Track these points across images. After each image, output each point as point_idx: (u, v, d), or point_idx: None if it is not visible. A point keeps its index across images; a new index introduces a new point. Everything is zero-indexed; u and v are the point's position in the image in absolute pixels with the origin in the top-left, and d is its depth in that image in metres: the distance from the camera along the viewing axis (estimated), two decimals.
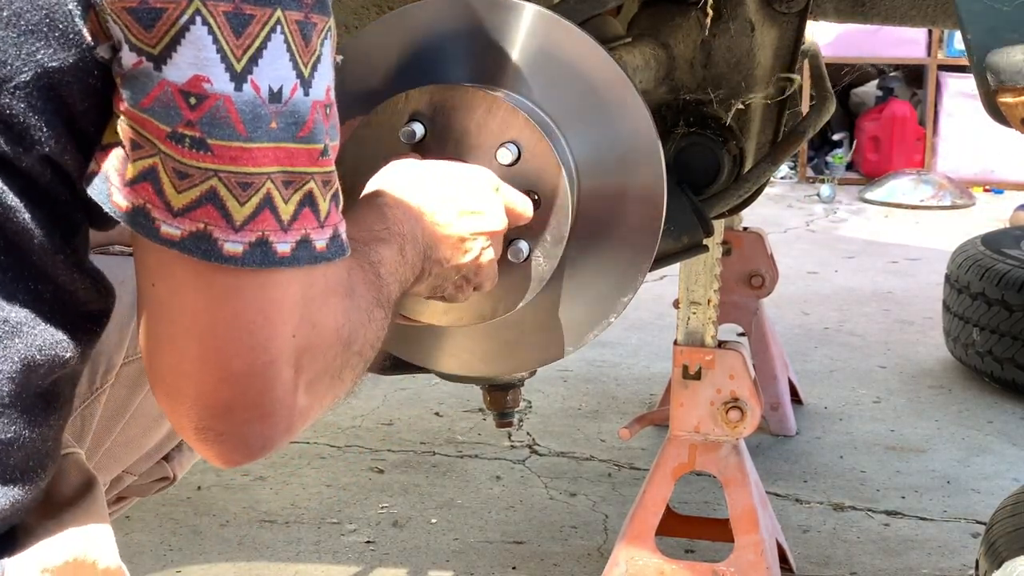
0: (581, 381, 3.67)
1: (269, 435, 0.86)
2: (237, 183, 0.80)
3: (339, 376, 0.91)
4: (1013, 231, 4.10)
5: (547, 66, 1.24)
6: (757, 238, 3.27)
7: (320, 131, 0.83)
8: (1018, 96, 1.42)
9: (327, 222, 0.85)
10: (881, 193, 6.83)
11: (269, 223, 0.81)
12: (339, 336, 0.88)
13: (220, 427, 0.84)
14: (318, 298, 0.85)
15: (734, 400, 2.23)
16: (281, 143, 0.81)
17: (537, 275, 1.24)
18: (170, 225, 0.80)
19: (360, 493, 2.90)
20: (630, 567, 2.25)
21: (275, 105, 0.80)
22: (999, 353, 3.51)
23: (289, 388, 0.85)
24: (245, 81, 0.79)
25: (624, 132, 1.25)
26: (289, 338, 0.83)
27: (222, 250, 0.80)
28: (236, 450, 0.87)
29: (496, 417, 1.48)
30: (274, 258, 0.81)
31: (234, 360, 0.82)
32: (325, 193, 0.84)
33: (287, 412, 0.86)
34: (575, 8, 1.55)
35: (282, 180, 0.81)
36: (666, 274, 4.28)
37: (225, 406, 0.83)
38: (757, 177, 1.80)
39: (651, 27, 1.77)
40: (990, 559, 1.93)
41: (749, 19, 1.81)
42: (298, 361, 0.85)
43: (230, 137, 0.79)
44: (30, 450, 0.86)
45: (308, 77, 0.82)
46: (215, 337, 0.82)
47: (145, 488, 1.44)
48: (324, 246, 0.84)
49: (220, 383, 0.83)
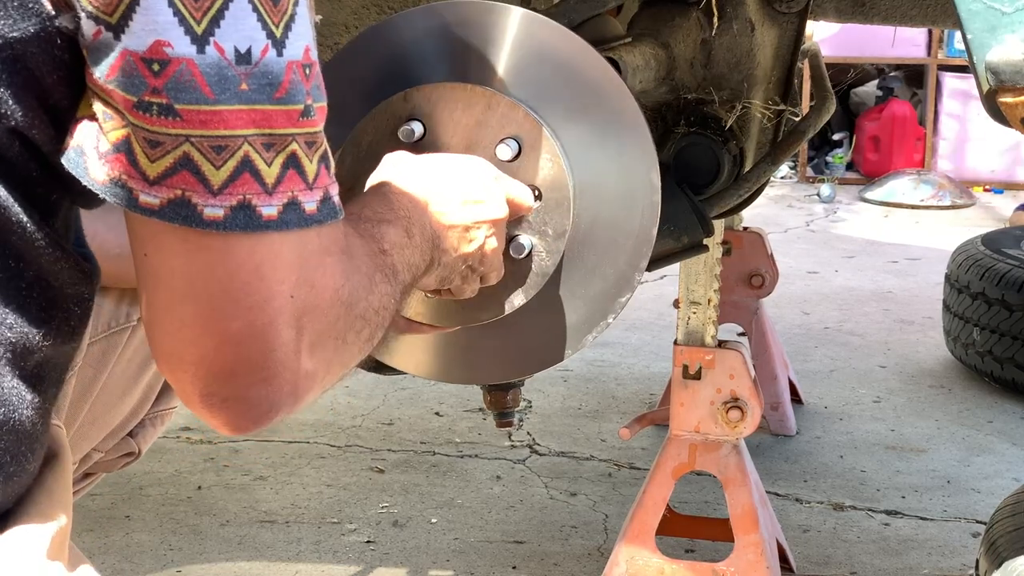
0: (581, 381, 3.67)
1: (275, 398, 0.85)
2: (210, 147, 0.79)
3: (343, 339, 0.89)
4: (1013, 231, 4.10)
5: (536, 67, 1.24)
6: (757, 238, 3.27)
7: (299, 91, 0.83)
8: (1018, 96, 1.42)
9: (316, 184, 0.84)
10: (881, 193, 6.83)
11: (251, 186, 0.80)
12: (339, 296, 0.87)
13: (225, 392, 0.84)
14: (313, 259, 0.85)
15: (734, 400, 2.23)
16: (255, 105, 0.80)
17: (540, 270, 1.24)
18: (148, 194, 0.80)
19: (360, 493, 2.90)
20: (630, 567, 2.25)
21: (244, 67, 0.79)
22: (999, 353, 3.51)
23: (291, 349, 0.84)
24: (207, 43, 0.78)
25: (616, 131, 1.25)
26: (287, 298, 0.83)
27: (202, 215, 0.79)
28: (243, 415, 0.85)
29: (496, 417, 1.48)
30: (259, 221, 0.81)
31: (233, 322, 0.82)
32: (311, 154, 0.84)
33: (291, 374, 0.85)
34: (575, 8, 1.55)
35: (261, 143, 0.80)
36: (666, 274, 4.28)
37: (228, 370, 0.83)
38: (757, 177, 1.80)
39: (651, 27, 1.77)
40: (990, 559, 1.93)
41: (749, 19, 1.82)
42: (298, 322, 0.84)
43: (197, 100, 0.78)
44: (19, 433, 0.85)
45: (281, 37, 0.81)
46: (211, 301, 0.82)
47: (112, 463, 1.45)
48: (314, 208, 0.84)
49: (221, 346, 0.82)
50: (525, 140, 1.21)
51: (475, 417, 3.37)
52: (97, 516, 2.74)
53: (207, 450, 3.15)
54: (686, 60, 1.80)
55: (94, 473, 1.45)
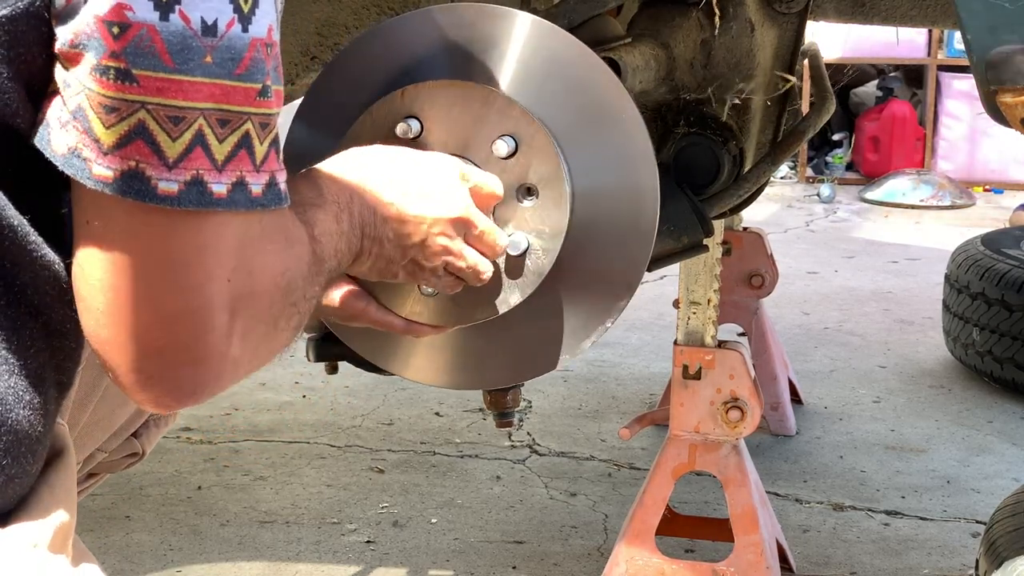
0: (581, 381, 3.67)
1: (201, 380, 0.84)
2: (167, 116, 0.78)
3: (274, 326, 0.89)
4: (1013, 231, 4.10)
5: (535, 70, 1.25)
6: (757, 238, 3.27)
7: (259, 70, 0.82)
8: (1018, 96, 1.42)
9: (263, 167, 0.84)
10: (881, 193, 6.83)
11: (202, 162, 0.80)
12: (276, 284, 0.87)
13: (152, 370, 0.83)
14: (255, 244, 0.84)
15: (734, 400, 2.23)
16: (216, 79, 0.79)
17: (536, 268, 1.24)
18: (102, 165, 0.79)
19: (360, 493, 2.90)
20: (630, 567, 2.25)
21: (209, 39, 0.79)
22: (999, 353, 3.51)
23: (223, 333, 0.83)
24: (172, 11, 0.78)
25: (614, 132, 1.26)
26: (224, 282, 0.82)
27: (156, 189, 0.79)
28: (168, 394, 0.85)
29: (496, 417, 1.48)
30: (210, 198, 0.80)
31: (168, 302, 0.81)
32: (263, 136, 0.83)
33: (219, 358, 0.84)
34: (575, 8, 1.55)
35: (217, 118, 0.80)
36: (666, 274, 4.28)
37: (158, 348, 0.82)
38: (757, 177, 1.80)
39: (651, 27, 1.77)
40: (990, 559, 1.93)
41: (749, 19, 1.82)
42: (233, 306, 0.83)
43: (155, 67, 0.78)
44: (20, 434, 0.85)
45: (247, 13, 0.80)
46: (149, 278, 0.81)
47: (116, 464, 1.45)
48: (260, 191, 0.83)
49: (154, 324, 0.82)
50: (522, 138, 1.21)
51: (475, 417, 3.37)
52: (97, 516, 2.74)
53: (207, 450, 3.15)
54: (686, 60, 1.80)
55: (98, 473, 1.45)
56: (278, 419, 3.36)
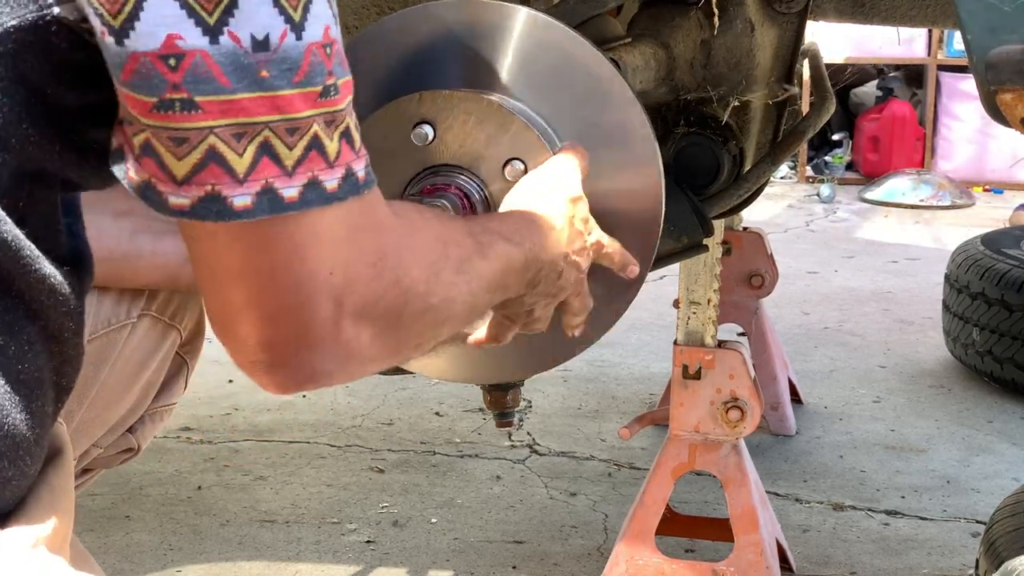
0: (581, 381, 3.67)
1: (318, 364, 0.89)
2: (232, 135, 0.80)
3: (397, 315, 0.92)
4: (1013, 231, 4.10)
5: (542, 70, 1.26)
6: (757, 238, 3.27)
7: (319, 72, 0.83)
8: (1018, 96, 1.42)
9: (338, 161, 0.85)
10: (881, 193, 6.83)
11: (271, 170, 0.82)
12: (376, 270, 0.89)
13: (268, 359, 0.88)
14: (344, 234, 0.86)
15: (734, 400, 2.23)
16: (276, 91, 0.81)
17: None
18: (177, 196, 0.81)
19: (360, 493, 2.90)
20: (630, 567, 2.25)
21: (263, 54, 0.80)
22: (999, 353, 3.51)
23: (330, 322, 0.87)
24: (221, 33, 0.78)
25: (621, 137, 1.27)
26: (326, 275, 0.86)
27: (232, 207, 0.81)
28: (289, 377, 0.89)
29: (496, 417, 1.49)
30: (281, 204, 0.82)
31: (272, 302, 0.85)
32: (331, 133, 0.85)
33: (332, 343, 0.88)
34: (575, 8, 1.56)
35: (285, 128, 0.82)
36: (666, 274, 4.28)
37: (269, 342, 0.86)
38: (757, 177, 1.80)
39: (651, 27, 1.77)
40: (990, 559, 1.93)
41: (749, 19, 1.82)
42: (338, 296, 0.87)
43: (216, 91, 0.79)
44: (17, 437, 0.85)
45: (300, 20, 0.81)
46: (248, 284, 0.85)
47: (111, 459, 1.46)
48: (335, 186, 0.85)
49: (262, 322, 0.86)
50: (530, 161, 1.23)
51: (475, 417, 3.37)
52: (97, 516, 2.74)
53: (207, 450, 3.15)
54: (686, 60, 1.80)
55: (93, 469, 1.45)
56: (278, 419, 3.36)
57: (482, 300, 1.05)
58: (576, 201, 1.21)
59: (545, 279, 1.17)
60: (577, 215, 1.21)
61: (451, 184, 1.23)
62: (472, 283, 1.01)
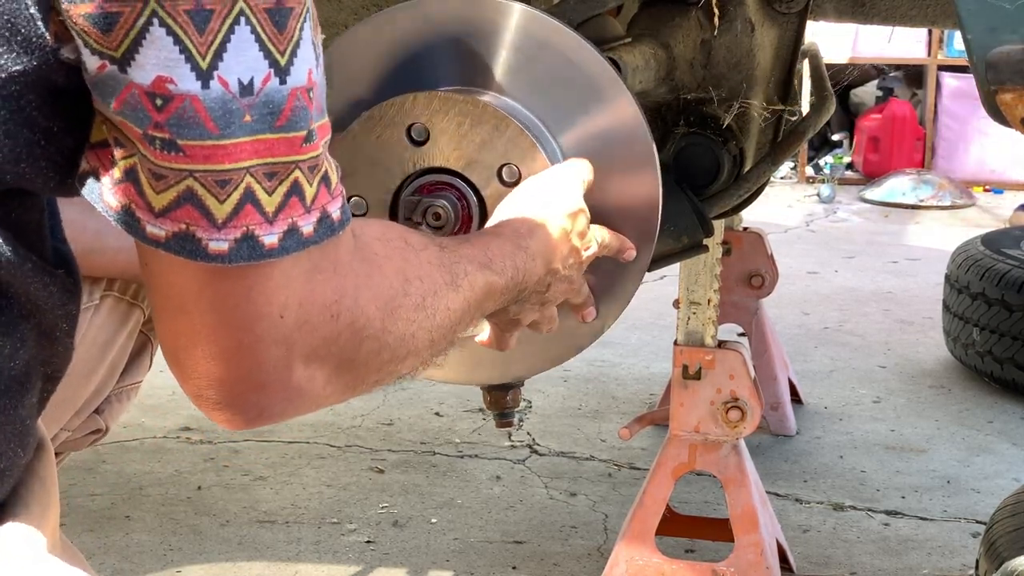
0: (581, 381, 3.67)
1: (266, 404, 0.88)
2: (214, 181, 0.79)
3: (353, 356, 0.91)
4: (1013, 231, 4.10)
5: (538, 67, 1.25)
6: (757, 238, 3.27)
7: (302, 117, 0.82)
8: (1018, 95, 1.42)
9: (314, 205, 0.84)
10: (881, 193, 6.83)
11: (253, 217, 0.81)
12: (331, 312, 0.88)
13: (217, 397, 0.87)
14: (302, 277, 0.85)
15: (734, 400, 2.23)
16: (258, 135, 0.80)
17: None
18: (154, 225, 0.80)
19: (360, 493, 2.90)
20: (630, 567, 2.25)
21: (247, 98, 0.79)
22: (999, 353, 3.51)
23: (281, 364, 0.86)
24: (212, 78, 0.78)
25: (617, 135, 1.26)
26: (277, 318, 0.84)
27: (207, 249, 0.80)
28: (237, 416, 0.88)
29: (496, 417, 1.48)
30: (261, 251, 0.82)
31: (222, 341, 0.84)
32: (311, 178, 0.84)
33: (282, 386, 0.87)
34: (575, 8, 1.55)
35: (264, 172, 0.81)
36: (666, 274, 4.28)
37: (218, 379, 0.86)
38: (757, 177, 1.80)
39: (651, 27, 1.77)
40: (990, 559, 1.93)
41: (749, 19, 1.81)
42: (288, 338, 0.86)
43: (201, 136, 0.78)
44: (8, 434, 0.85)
45: (285, 64, 0.81)
46: (203, 319, 0.84)
47: (80, 441, 1.46)
48: (311, 230, 0.84)
49: (211, 359, 0.85)
50: (525, 165, 1.22)
51: (475, 417, 3.37)
52: (97, 516, 2.74)
53: (207, 450, 3.15)
54: (686, 60, 1.80)
55: (62, 452, 1.46)
56: None
57: (452, 330, 1.03)
58: (575, 215, 1.20)
59: (531, 295, 1.16)
60: (574, 229, 1.20)
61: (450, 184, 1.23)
62: (437, 316, 0.99)
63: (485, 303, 1.07)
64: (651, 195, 1.28)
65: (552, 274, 1.18)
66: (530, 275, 1.13)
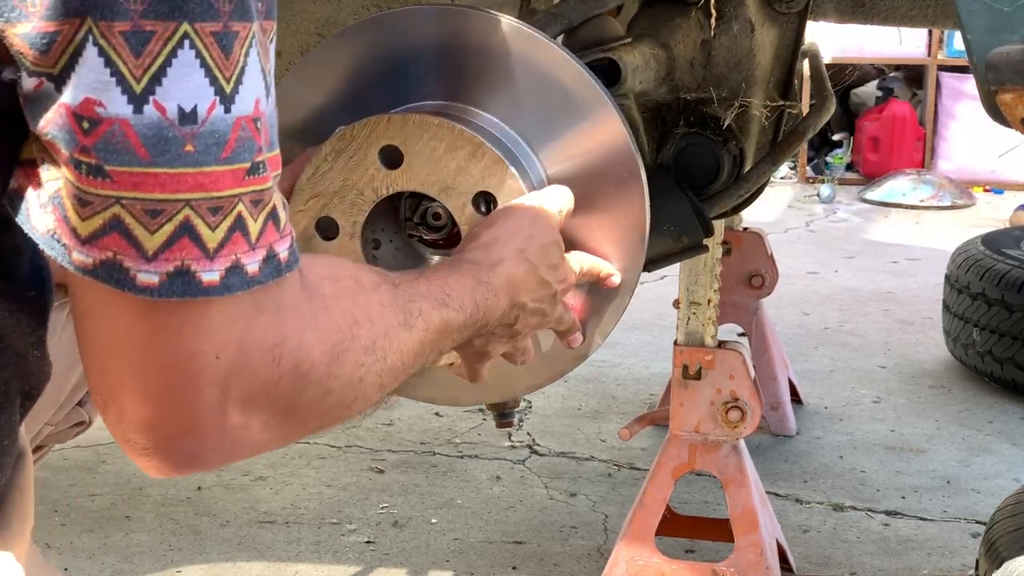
0: (581, 381, 3.67)
1: (195, 451, 0.82)
2: (144, 210, 0.75)
3: (294, 402, 0.85)
4: (1013, 231, 4.10)
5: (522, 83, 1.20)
6: (757, 238, 3.27)
7: (247, 148, 0.78)
8: (1018, 96, 1.42)
9: (259, 243, 0.79)
10: (881, 193, 6.83)
11: (190, 251, 0.76)
12: (273, 356, 0.82)
13: (144, 442, 0.81)
14: (243, 318, 0.80)
15: (734, 400, 2.23)
16: (203, 167, 0.76)
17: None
18: (80, 252, 0.76)
19: (360, 493, 2.90)
20: (630, 567, 2.25)
21: (189, 126, 0.75)
22: (999, 353, 3.51)
23: (214, 409, 0.80)
24: (146, 103, 0.74)
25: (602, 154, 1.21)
26: (212, 359, 0.79)
27: (135, 280, 0.76)
28: (164, 463, 0.82)
29: (496, 417, 1.48)
30: (198, 288, 0.77)
31: (151, 380, 0.79)
32: (256, 213, 0.79)
33: (215, 431, 0.81)
34: (575, 8, 1.55)
35: (208, 207, 0.76)
36: (666, 274, 4.28)
37: (145, 422, 0.80)
38: (757, 177, 1.80)
39: (651, 27, 1.77)
40: (990, 559, 1.93)
41: (749, 19, 1.81)
42: (224, 381, 0.80)
43: (130, 163, 0.74)
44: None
45: (230, 92, 0.76)
46: (132, 356, 0.79)
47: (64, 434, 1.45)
48: (256, 269, 0.79)
49: (138, 401, 0.80)
50: (502, 194, 1.16)
51: (475, 417, 3.37)
52: (97, 516, 2.74)
53: None
54: (686, 60, 1.79)
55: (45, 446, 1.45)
56: None
57: (404, 371, 0.97)
58: (546, 248, 1.14)
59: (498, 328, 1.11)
60: (545, 263, 1.14)
61: None
62: (389, 359, 0.93)
63: (442, 341, 1.02)
64: (637, 215, 1.23)
65: (519, 308, 1.12)
66: (492, 310, 1.08)
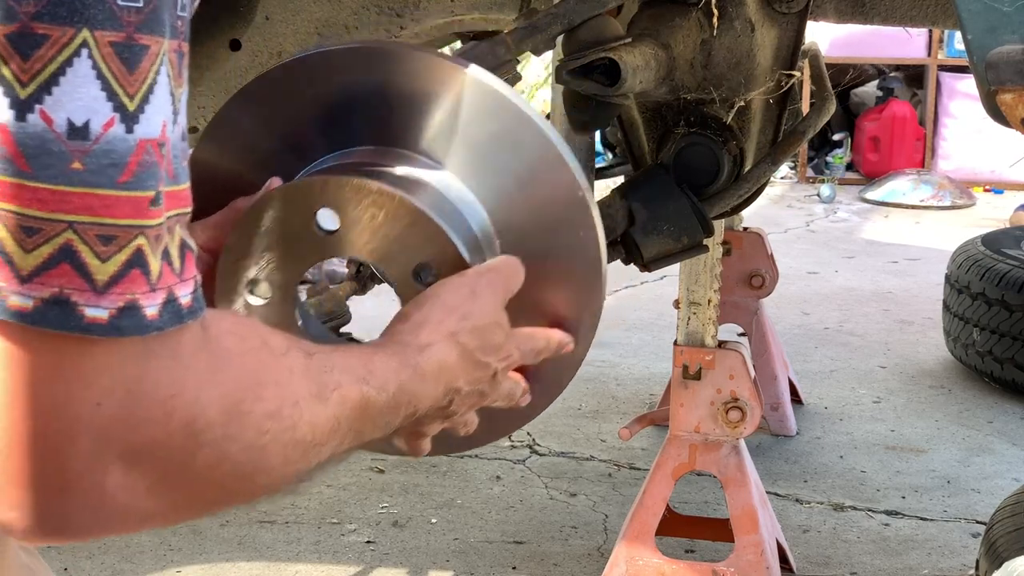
0: (581, 381, 3.67)
1: (69, 512, 0.73)
2: (19, 226, 0.68)
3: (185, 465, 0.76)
4: (1013, 231, 4.10)
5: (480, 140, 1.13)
6: (757, 238, 3.27)
7: (150, 175, 0.71)
8: (1018, 96, 1.42)
9: (159, 284, 0.72)
10: (881, 193, 6.83)
11: (72, 280, 0.69)
12: (164, 409, 0.74)
13: (7, 499, 0.72)
14: (133, 361, 0.72)
15: (734, 400, 2.23)
16: (93, 189, 0.69)
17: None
18: None
19: (360, 493, 2.90)
20: (630, 567, 2.25)
21: (79, 142, 0.69)
22: (999, 353, 3.51)
23: (90, 461, 0.72)
24: (31, 111, 0.68)
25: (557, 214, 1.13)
26: (92, 405, 0.71)
27: (6, 302, 0.69)
28: (32, 527, 0.74)
29: None
30: (79, 323, 0.69)
31: (17, 423, 0.71)
32: (157, 249, 0.72)
33: (92, 488, 0.73)
34: (575, 8, 1.55)
35: (97, 234, 0.69)
36: (666, 274, 4.28)
37: (10, 475, 0.72)
38: (757, 177, 1.80)
39: (651, 27, 1.77)
40: (990, 559, 1.93)
41: (749, 19, 1.82)
42: (105, 431, 0.72)
43: (6, 171, 0.68)
44: None
45: (133, 111, 0.70)
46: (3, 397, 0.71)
47: None
48: (156, 313, 0.72)
49: (8, 447, 0.71)
50: (444, 265, 1.08)
51: None
52: None
53: None
54: (686, 60, 1.80)
55: None
56: None
57: (316, 448, 0.86)
58: (484, 329, 1.04)
59: (428, 414, 1.00)
60: (484, 344, 1.04)
61: None
62: (298, 430, 0.82)
63: (361, 423, 0.89)
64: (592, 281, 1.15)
65: (454, 392, 1.02)
66: (420, 397, 0.97)
